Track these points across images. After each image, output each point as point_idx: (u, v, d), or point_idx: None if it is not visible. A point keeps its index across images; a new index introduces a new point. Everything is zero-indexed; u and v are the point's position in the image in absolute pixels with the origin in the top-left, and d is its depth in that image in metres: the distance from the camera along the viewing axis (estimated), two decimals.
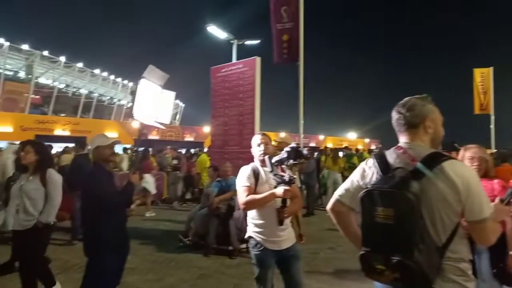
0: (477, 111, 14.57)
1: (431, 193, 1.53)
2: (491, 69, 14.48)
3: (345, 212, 1.80)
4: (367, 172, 1.76)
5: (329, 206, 1.85)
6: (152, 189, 9.48)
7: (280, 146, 4.16)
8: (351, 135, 46.12)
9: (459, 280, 1.54)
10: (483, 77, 14.61)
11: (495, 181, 2.69)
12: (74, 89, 33.67)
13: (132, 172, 3.85)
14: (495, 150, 10.88)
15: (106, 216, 2.88)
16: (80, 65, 31.09)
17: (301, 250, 5.68)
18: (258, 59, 6.04)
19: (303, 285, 2.79)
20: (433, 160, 1.57)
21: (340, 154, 12.67)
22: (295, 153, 2.56)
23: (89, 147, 3.81)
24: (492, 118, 14.38)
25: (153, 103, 9.60)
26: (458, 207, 1.53)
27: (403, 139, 1.75)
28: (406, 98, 1.79)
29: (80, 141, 7.05)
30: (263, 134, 2.97)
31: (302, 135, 8.81)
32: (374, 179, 1.69)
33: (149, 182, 9.34)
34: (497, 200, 1.75)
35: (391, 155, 1.71)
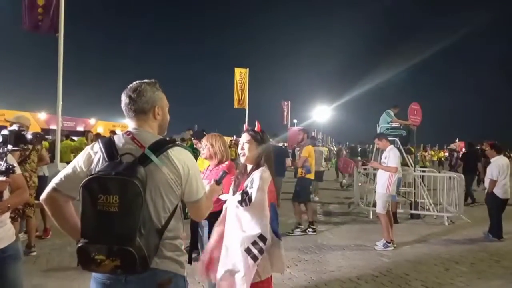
0: (236, 105, 16.95)
1: (156, 178, 1.55)
2: (247, 69, 17.07)
3: (62, 202, 1.60)
4: (93, 157, 1.63)
5: (43, 196, 1.60)
6: None
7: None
8: (129, 121, 44.64)
9: (173, 256, 1.63)
10: (241, 76, 17.02)
11: (224, 165, 3.09)
12: None
13: None
14: None
15: None
16: None
17: (45, 246, 5.11)
18: None
19: None
20: (160, 147, 1.60)
21: None
22: (15, 137, 2.12)
23: None
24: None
25: None
26: (179, 190, 1.62)
27: (132, 125, 1.71)
28: (136, 83, 1.72)
29: None
30: None
31: (60, 117, 7.79)
32: (100, 165, 1.57)
33: None
34: (212, 181, 1.97)
35: (119, 140, 1.64)
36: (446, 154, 43.69)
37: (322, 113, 37.10)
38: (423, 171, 9.62)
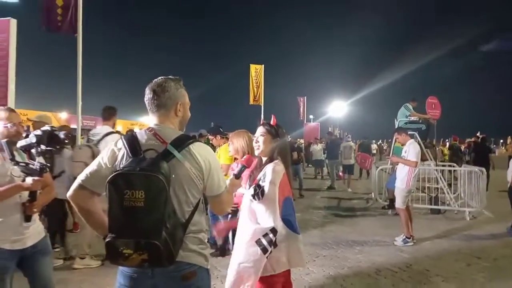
0: (251, 102, 16.96)
1: (179, 173, 1.58)
2: (262, 66, 17.03)
3: (88, 198, 1.65)
4: (117, 154, 1.66)
5: (69, 193, 1.65)
6: None
7: (37, 127, 3.54)
8: (147, 119, 45.36)
9: (198, 249, 1.67)
10: (257, 72, 16.99)
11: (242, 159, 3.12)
12: None
13: None
14: None
15: None
16: None
17: (68, 242, 5.22)
18: (13, 21, 4.96)
19: (53, 283, 2.51)
20: (182, 142, 1.63)
21: None
22: (48, 137, 2.19)
23: None
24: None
25: None
26: (201, 185, 1.66)
27: (154, 120, 1.74)
28: (161, 78, 1.75)
29: None
30: (10, 111, 2.46)
31: (80, 116, 7.94)
32: (124, 161, 1.60)
33: None
34: (231, 175, 2.00)
35: (142, 136, 1.68)
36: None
37: (338, 109, 36.73)
38: (443, 165, 9.43)
